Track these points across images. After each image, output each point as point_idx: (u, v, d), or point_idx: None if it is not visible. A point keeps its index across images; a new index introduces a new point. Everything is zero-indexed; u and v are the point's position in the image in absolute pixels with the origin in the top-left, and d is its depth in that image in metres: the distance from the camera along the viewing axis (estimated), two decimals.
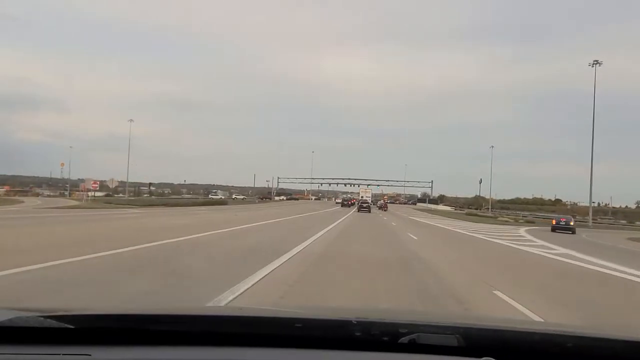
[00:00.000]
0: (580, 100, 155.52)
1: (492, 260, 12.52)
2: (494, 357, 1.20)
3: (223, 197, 71.43)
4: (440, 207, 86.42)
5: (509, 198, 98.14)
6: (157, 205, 41.70)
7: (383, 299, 6.08)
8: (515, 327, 1.57)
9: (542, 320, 5.14)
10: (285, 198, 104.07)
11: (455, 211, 72.90)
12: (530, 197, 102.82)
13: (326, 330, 1.39)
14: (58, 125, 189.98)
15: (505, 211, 65.52)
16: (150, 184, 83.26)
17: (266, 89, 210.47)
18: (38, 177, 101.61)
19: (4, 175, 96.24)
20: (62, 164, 79.78)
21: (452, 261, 11.11)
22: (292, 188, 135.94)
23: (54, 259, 7.09)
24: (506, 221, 43.00)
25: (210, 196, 74.29)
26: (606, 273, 10.57)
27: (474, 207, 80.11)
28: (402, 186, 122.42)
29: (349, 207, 63.77)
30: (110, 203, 39.71)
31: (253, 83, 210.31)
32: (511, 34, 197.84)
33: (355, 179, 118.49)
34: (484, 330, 1.45)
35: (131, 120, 61.14)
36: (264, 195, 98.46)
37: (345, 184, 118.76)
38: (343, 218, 30.59)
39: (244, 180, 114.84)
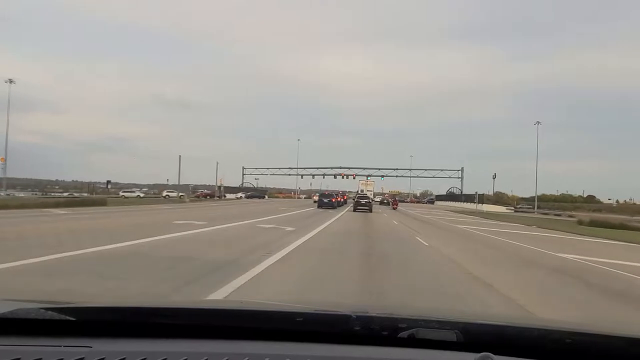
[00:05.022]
0: (590, 97, 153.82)
1: None
2: (492, 353, 1.17)
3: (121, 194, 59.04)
4: (488, 207, 60.20)
5: (529, 195, 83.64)
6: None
7: None
8: (514, 323, 1.57)
9: (541, 317, 4.94)
10: (243, 195, 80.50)
11: (529, 214, 49.33)
12: (557, 194, 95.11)
13: (326, 325, 1.39)
14: (53, 126, 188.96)
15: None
16: (108, 181, 75.51)
17: (264, 89, 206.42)
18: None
19: None
20: (2, 159, 62.01)
21: None
22: (281, 187, 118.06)
23: None
24: None
25: (121, 193, 61.81)
26: None
27: (520, 207, 66.42)
28: (408, 176, 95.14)
29: (334, 207, 38.48)
30: None
31: (252, 83, 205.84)
32: (512, 33, 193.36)
33: (349, 168, 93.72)
34: (482, 326, 1.45)
35: (10, 81, 48.56)
36: (208, 192, 73.12)
37: (335, 176, 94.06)
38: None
39: (238, 180, 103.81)
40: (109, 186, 74.26)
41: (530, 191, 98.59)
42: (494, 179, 67.71)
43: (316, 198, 47.49)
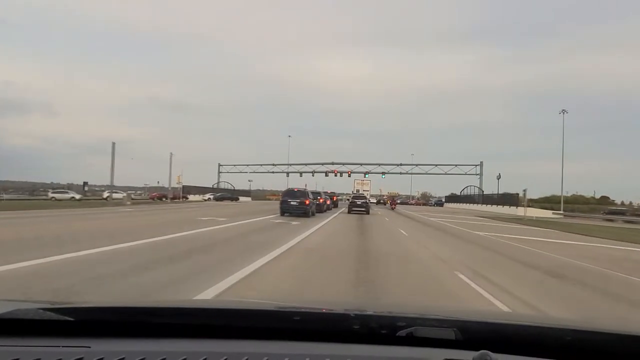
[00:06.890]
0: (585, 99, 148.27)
1: None
2: (491, 351, 1.17)
3: None
4: (534, 211, 45.27)
5: (537, 197, 74.90)
6: None
7: None
8: (512, 321, 1.56)
9: (540, 314, 4.88)
10: (211, 197, 69.16)
11: (597, 222, 38.47)
12: (568, 195, 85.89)
13: (325, 323, 1.39)
14: (49, 129, 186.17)
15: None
16: (85, 183, 74.45)
17: (263, 90, 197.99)
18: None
19: None
20: None
21: None
22: (278, 188, 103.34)
23: None
24: None
25: (51, 195, 56.89)
26: None
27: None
28: (412, 173, 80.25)
29: (307, 215, 24.28)
30: None
31: (249, 85, 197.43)
32: (510, 34, 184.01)
33: (344, 164, 79.64)
34: (481, 324, 1.44)
35: None
36: (160, 194, 64.03)
37: (326, 173, 79.30)
38: None
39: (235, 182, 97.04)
40: (86, 188, 73.09)
41: (534, 192, 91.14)
42: (498, 179, 62.38)
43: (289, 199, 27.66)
